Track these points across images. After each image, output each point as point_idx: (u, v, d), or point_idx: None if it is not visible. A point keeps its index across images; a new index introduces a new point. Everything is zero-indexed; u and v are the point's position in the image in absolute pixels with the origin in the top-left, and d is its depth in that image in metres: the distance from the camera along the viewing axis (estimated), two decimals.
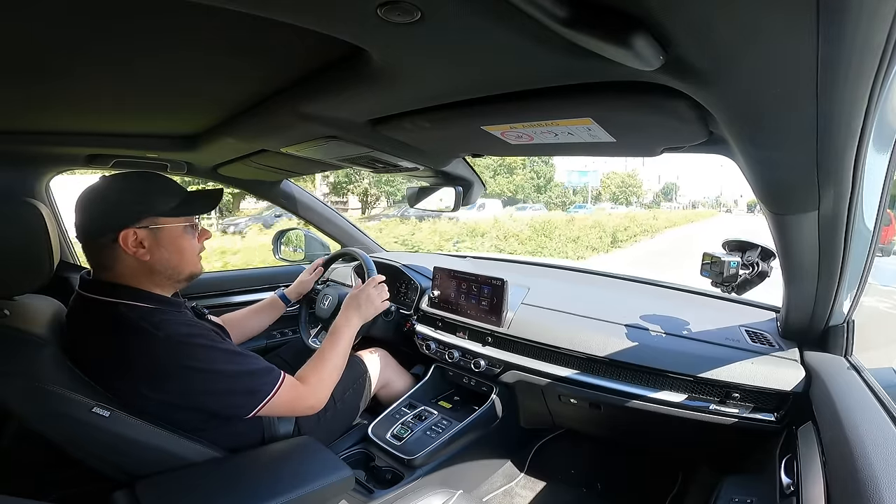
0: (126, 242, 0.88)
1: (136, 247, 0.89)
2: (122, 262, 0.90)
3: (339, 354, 1.11)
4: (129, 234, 0.88)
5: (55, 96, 0.87)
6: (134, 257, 0.89)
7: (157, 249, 0.91)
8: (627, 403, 1.18)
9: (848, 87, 0.44)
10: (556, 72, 0.58)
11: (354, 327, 1.20)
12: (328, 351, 1.10)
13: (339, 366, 1.11)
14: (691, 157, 65.38)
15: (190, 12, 0.50)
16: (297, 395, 0.99)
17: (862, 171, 0.62)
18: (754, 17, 0.36)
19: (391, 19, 0.44)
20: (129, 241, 0.88)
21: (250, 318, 1.45)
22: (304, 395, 1.00)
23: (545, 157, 24.35)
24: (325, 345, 1.12)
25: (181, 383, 0.87)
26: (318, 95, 0.75)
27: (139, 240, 0.89)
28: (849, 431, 0.70)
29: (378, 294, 1.26)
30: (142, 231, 0.89)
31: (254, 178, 1.79)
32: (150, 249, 0.91)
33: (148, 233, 0.90)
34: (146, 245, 0.90)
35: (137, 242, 0.89)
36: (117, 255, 0.89)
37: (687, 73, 0.47)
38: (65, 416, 0.82)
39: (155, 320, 0.87)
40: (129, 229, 0.88)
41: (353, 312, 1.21)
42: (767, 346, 1.13)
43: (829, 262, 0.84)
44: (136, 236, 0.89)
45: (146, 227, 0.90)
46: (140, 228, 0.89)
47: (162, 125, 1.17)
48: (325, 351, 1.10)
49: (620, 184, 41.10)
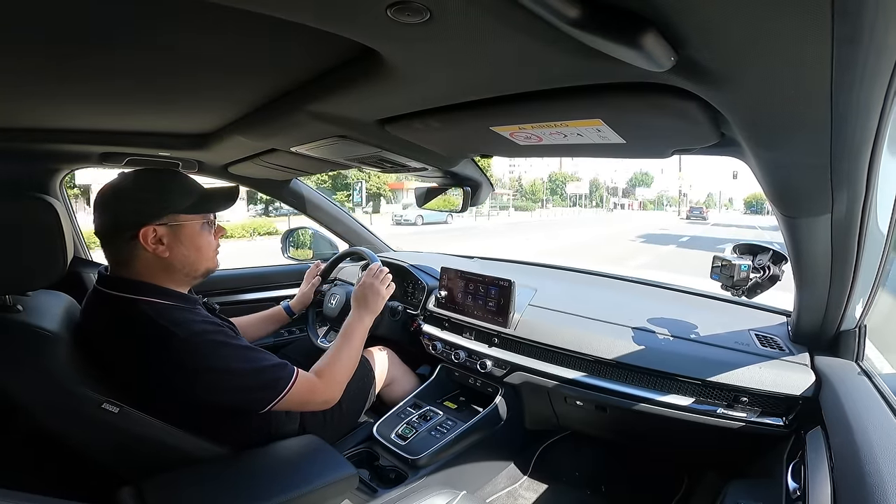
0: (146, 240, 0.89)
1: (156, 244, 0.90)
2: (140, 258, 0.91)
3: (353, 350, 1.12)
4: (148, 231, 0.89)
5: (71, 95, 0.88)
6: (153, 254, 0.90)
7: (176, 246, 0.92)
8: (634, 406, 1.18)
9: (863, 89, 0.43)
10: (565, 72, 0.57)
11: (367, 323, 1.20)
12: (343, 348, 1.11)
13: (353, 362, 1.12)
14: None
15: (204, 12, 0.51)
16: (312, 390, 0.99)
17: (876, 174, 0.61)
18: (767, 18, 0.36)
19: (401, 20, 0.44)
20: (149, 238, 0.89)
21: (254, 325, 1.45)
22: (318, 390, 1.01)
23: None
24: (340, 342, 1.12)
25: (201, 382, 0.87)
26: (328, 95, 0.76)
27: (158, 237, 0.90)
28: (858, 436, 0.69)
29: (381, 282, 1.26)
30: (161, 228, 0.90)
31: (263, 178, 1.80)
32: (170, 246, 0.92)
33: (167, 230, 0.91)
34: (165, 242, 0.91)
35: (157, 239, 0.90)
36: (136, 252, 0.90)
37: (698, 75, 0.47)
38: (74, 411, 0.83)
39: (174, 318, 0.88)
40: (149, 226, 0.89)
41: (363, 309, 1.20)
42: (777, 350, 1.12)
43: (842, 266, 0.83)
44: (155, 233, 0.90)
45: (165, 225, 0.91)
46: (160, 226, 0.90)
47: (174, 124, 1.19)
48: (340, 348, 1.10)
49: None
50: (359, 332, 1.16)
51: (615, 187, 74.80)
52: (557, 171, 69.66)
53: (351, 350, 1.12)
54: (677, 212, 53.09)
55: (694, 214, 37.79)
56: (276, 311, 1.52)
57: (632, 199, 78.72)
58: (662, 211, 61.33)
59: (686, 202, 68.08)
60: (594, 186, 70.23)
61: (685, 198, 74.31)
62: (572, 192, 63.67)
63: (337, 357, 1.08)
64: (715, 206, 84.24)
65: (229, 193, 1.01)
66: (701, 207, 45.05)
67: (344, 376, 1.08)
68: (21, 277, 0.85)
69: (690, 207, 45.60)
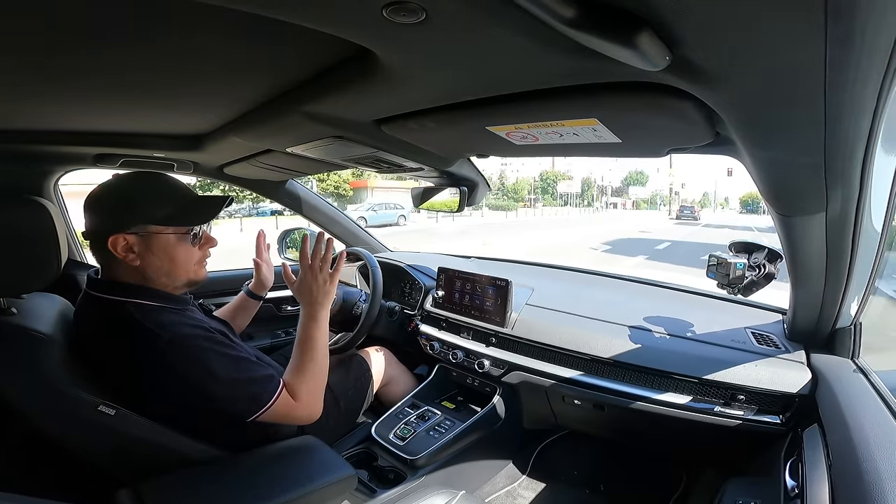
0: (115, 247, 0.88)
1: (126, 252, 0.89)
2: (120, 264, 0.90)
3: (318, 358, 1.03)
4: (118, 239, 0.88)
5: (65, 96, 0.88)
6: (125, 262, 0.90)
7: (148, 256, 0.91)
8: (631, 405, 1.18)
9: (856, 88, 0.43)
10: (561, 72, 0.57)
11: (320, 319, 1.06)
12: (305, 360, 1.01)
13: (323, 369, 1.04)
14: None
15: (199, 13, 0.51)
16: (294, 406, 0.97)
17: (870, 172, 0.62)
18: (761, 18, 0.36)
19: (396, 20, 0.44)
20: (119, 246, 0.88)
21: (227, 318, 1.35)
22: (299, 408, 0.98)
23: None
24: (298, 353, 1.03)
25: (182, 386, 0.87)
26: (323, 95, 0.76)
27: (129, 245, 0.89)
28: (855, 434, 0.69)
29: (319, 275, 1.06)
30: (131, 237, 0.89)
31: (259, 178, 1.80)
32: (140, 255, 0.90)
33: (138, 239, 0.89)
34: (136, 251, 0.90)
35: (127, 248, 0.89)
36: (112, 259, 0.90)
37: (693, 74, 0.47)
38: (70, 414, 0.82)
39: (160, 321, 0.87)
40: (119, 235, 0.88)
41: (310, 305, 1.06)
42: (773, 348, 1.12)
43: (837, 264, 0.83)
44: (125, 242, 0.88)
45: (135, 234, 0.89)
46: (129, 234, 0.89)
47: (169, 125, 1.18)
48: (303, 361, 1.01)
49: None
50: (316, 333, 1.04)
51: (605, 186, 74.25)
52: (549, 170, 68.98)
53: (315, 361, 1.02)
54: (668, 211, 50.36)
55: (684, 214, 35.32)
56: (242, 298, 1.40)
57: (624, 199, 77.61)
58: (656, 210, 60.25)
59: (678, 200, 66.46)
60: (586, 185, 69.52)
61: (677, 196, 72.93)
62: (563, 190, 62.94)
63: (302, 372, 1.00)
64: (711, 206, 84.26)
65: (214, 203, 0.97)
66: (692, 206, 41.30)
67: (318, 389, 1.02)
68: (15, 280, 0.85)
69: (681, 206, 42.01)
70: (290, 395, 0.96)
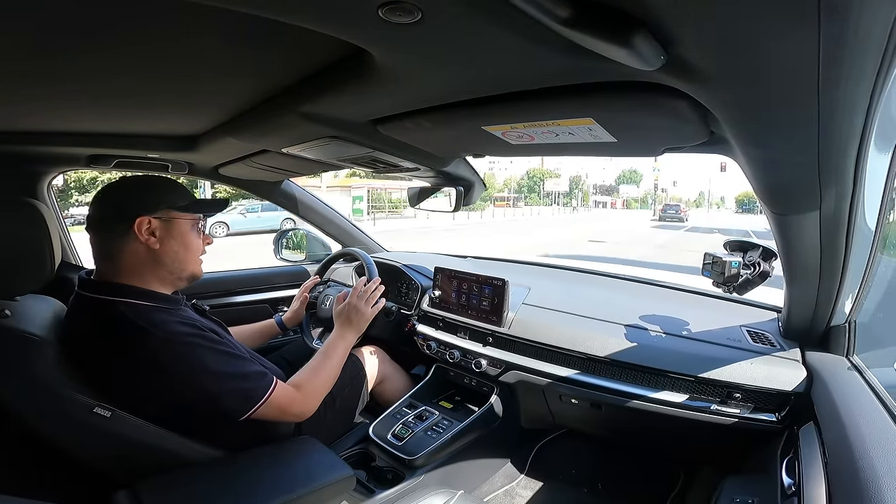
0: (140, 229, 0.92)
1: (149, 235, 0.93)
2: (130, 251, 0.93)
3: (333, 368, 1.14)
4: (143, 221, 0.92)
5: (58, 97, 0.87)
6: (145, 245, 0.93)
7: (168, 240, 0.96)
8: (628, 403, 1.18)
9: (849, 86, 0.44)
10: (557, 72, 0.58)
11: (350, 341, 1.21)
12: (324, 365, 1.12)
13: (333, 378, 1.14)
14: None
15: (192, 13, 0.50)
16: (289, 401, 1.00)
17: (863, 171, 0.62)
18: (755, 17, 0.36)
19: (392, 20, 0.44)
20: (143, 228, 0.92)
21: (246, 338, 1.40)
22: (295, 402, 1.02)
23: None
24: (321, 359, 1.13)
25: (175, 383, 0.88)
26: (319, 96, 0.75)
27: (152, 228, 0.94)
28: (850, 432, 0.70)
29: (367, 303, 1.25)
30: (156, 221, 0.94)
31: (255, 179, 1.79)
32: (161, 239, 0.95)
33: (161, 223, 0.95)
34: (157, 234, 0.94)
35: (150, 231, 0.93)
36: (126, 244, 0.92)
37: (688, 73, 0.47)
38: (66, 416, 0.82)
39: (151, 319, 0.88)
40: (145, 217, 0.93)
41: (346, 328, 1.22)
42: (769, 346, 1.13)
43: (831, 262, 0.84)
44: (150, 224, 0.93)
45: (160, 218, 0.95)
46: (154, 217, 0.94)
47: (164, 125, 1.18)
48: (322, 365, 1.12)
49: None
50: (340, 350, 1.18)
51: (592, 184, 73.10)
52: (537, 168, 67.10)
53: (331, 368, 1.13)
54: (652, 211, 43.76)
55: (668, 214, 30.23)
56: (269, 324, 1.51)
57: (614, 198, 75.54)
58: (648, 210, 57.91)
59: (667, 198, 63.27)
60: (574, 184, 68.22)
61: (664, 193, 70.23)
62: (550, 189, 61.61)
63: (317, 373, 1.10)
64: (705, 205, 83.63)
65: (218, 203, 1.10)
66: (677, 205, 34.55)
67: (322, 391, 1.10)
68: (9, 282, 0.84)
69: (664, 205, 36.07)
70: (295, 388, 1.03)
